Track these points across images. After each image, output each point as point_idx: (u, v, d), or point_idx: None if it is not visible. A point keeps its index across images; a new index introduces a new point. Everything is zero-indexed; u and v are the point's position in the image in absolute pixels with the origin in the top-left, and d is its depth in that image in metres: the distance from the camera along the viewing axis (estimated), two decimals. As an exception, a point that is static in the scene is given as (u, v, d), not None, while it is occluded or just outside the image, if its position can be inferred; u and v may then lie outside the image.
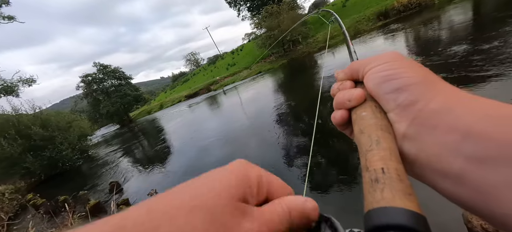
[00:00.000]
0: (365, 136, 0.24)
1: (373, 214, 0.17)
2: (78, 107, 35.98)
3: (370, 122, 0.25)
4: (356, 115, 0.27)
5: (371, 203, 0.18)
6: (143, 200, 0.15)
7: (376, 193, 0.19)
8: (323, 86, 7.23)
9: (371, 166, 0.21)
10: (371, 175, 0.20)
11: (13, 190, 8.82)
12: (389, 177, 0.19)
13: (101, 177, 8.50)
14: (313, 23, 25.76)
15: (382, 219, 0.17)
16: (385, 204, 0.17)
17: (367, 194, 0.20)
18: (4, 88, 15.14)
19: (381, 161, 0.21)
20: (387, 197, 0.18)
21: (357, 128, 0.26)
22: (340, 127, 0.32)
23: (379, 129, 0.24)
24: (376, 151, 0.22)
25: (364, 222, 0.18)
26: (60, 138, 13.32)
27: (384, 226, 0.16)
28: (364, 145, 0.23)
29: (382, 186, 0.19)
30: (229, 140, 6.62)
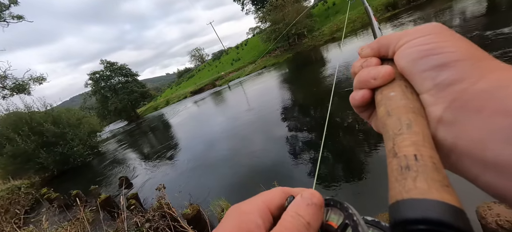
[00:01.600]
0: (393, 118, 0.21)
1: (404, 206, 0.16)
2: (87, 104, 36.84)
3: (399, 103, 0.22)
4: (382, 95, 0.24)
5: (400, 192, 0.16)
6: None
7: (407, 181, 0.17)
8: (336, 76, 7.11)
9: (401, 151, 0.19)
10: (400, 162, 0.18)
11: (29, 185, 9.17)
12: (423, 165, 0.17)
13: (110, 172, 8.72)
14: (319, 16, 25.24)
15: (415, 212, 0.15)
16: (419, 195, 0.15)
17: (394, 182, 0.18)
18: (16, 86, 15.60)
19: (413, 147, 0.18)
20: (421, 187, 0.16)
21: (383, 110, 0.23)
22: (359, 109, 0.29)
23: (410, 111, 0.21)
24: (407, 135, 0.20)
25: (390, 213, 0.17)
26: (71, 135, 13.70)
27: (419, 220, 0.15)
28: (392, 128, 0.21)
29: (415, 174, 0.17)
30: (235, 135, 6.64)
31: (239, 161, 4.94)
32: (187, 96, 30.24)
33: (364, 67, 0.27)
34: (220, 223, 0.19)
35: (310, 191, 0.20)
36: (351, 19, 19.70)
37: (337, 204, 0.21)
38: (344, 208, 0.20)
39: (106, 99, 33.10)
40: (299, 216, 0.18)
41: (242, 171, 4.41)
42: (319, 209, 0.19)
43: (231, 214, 0.19)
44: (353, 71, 0.29)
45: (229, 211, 0.20)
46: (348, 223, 0.19)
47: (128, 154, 10.74)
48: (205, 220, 2.92)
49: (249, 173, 4.21)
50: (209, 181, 4.66)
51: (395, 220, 0.16)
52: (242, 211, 0.19)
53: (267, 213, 0.20)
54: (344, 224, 0.19)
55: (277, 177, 3.42)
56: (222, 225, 0.18)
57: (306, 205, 0.19)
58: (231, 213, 0.20)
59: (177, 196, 4.11)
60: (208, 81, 30.73)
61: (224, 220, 0.19)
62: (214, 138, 7.23)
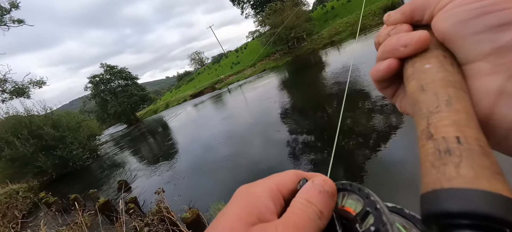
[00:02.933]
0: (428, 93, 0.18)
1: (444, 196, 0.14)
2: (87, 107, 36.75)
3: (436, 75, 0.19)
4: (414, 68, 0.20)
5: (439, 180, 0.14)
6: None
7: (448, 168, 0.14)
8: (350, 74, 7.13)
9: (438, 132, 0.16)
10: (438, 144, 0.16)
11: (27, 189, 9.10)
12: (468, 149, 0.15)
13: (109, 176, 8.68)
14: (318, 20, 25.44)
15: (460, 203, 0.13)
16: (464, 184, 0.13)
17: (429, 168, 0.15)
18: (16, 90, 15.60)
19: (455, 127, 0.16)
20: (466, 175, 0.14)
21: (415, 84, 0.20)
22: (381, 84, 0.25)
23: (450, 86, 0.18)
24: (446, 113, 0.17)
25: (423, 204, 0.15)
26: (70, 138, 13.65)
27: (464, 213, 0.13)
28: (427, 105, 0.18)
29: (458, 159, 0.14)
30: (234, 138, 6.63)
31: (238, 164, 4.92)
32: (186, 99, 30.26)
33: (392, 35, 0.23)
34: (227, 204, 0.18)
35: (322, 177, 0.19)
36: (350, 22, 19.86)
37: (356, 189, 0.18)
38: (364, 194, 0.18)
39: (105, 102, 33.09)
40: (310, 204, 0.17)
41: (242, 175, 4.39)
42: (332, 197, 0.18)
43: (240, 196, 0.18)
44: (377, 41, 0.25)
45: (237, 192, 0.19)
46: (369, 211, 0.16)
47: (127, 158, 10.70)
48: (204, 224, 2.90)
49: (248, 176, 4.20)
50: (208, 184, 4.64)
51: (431, 211, 0.14)
52: (252, 193, 0.18)
53: (279, 196, 0.18)
54: (365, 212, 0.17)
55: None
56: (229, 207, 0.17)
57: (318, 192, 0.17)
58: (239, 194, 0.18)
59: (176, 199, 4.09)
60: (208, 84, 30.79)
61: (232, 201, 0.18)
62: (213, 141, 7.22)
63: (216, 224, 0.16)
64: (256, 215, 0.16)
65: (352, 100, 5.33)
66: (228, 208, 0.17)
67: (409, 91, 0.21)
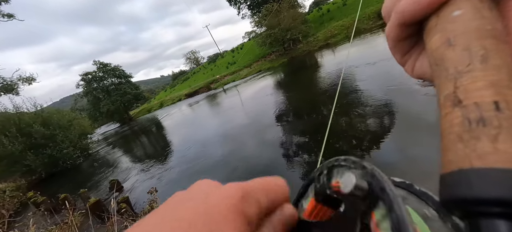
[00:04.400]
0: (456, 49, 0.15)
1: (474, 177, 0.11)
2: (78, 105, 36.04)
3: (469, 25, 0.15)
4: (439, 17, 0.16)
5: (467, 157, 0.12)
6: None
7: (481, 142, 0.12)
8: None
9: (470, 97, 0.13)
10: (467, 112, 0.13)
11: (14, 188, 8.85)
12: (510, 117, 0.12)
13: (101, 175, 8.53)
14: (313, 22, 25.69)
15: (494, 188, 0.10)
16: (503, 162, 0.11)
17: (455, 142, 0.13)
18: (4, 86, 15.15)
19: (493, 89, 0.12)
20: (507, 150, 0.11)
21: (440, 38, 0.16)
22: (406, 29, 0.19)
23: (487, 37, 0.14)
24: (480, 72, 0.13)
25: (444, 185, 0.13)
26: (61, 136, 13.35)
27: (504, 201, 0.10)
28: (455, 63, 0.14)
29: (495, 131, 0.11)
30: (228, 139, 6.63)
31: (232, 164, 4.92)
32: (181, 99, 30.01)
33: None
34: (219, 190, 0.16)
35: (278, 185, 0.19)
36: (345, 26, 20.14)
37: (350, 162, 0.16)
38: (359, 165, 0.15)
39: (98, 100, 32.47)
40: None
41: (236, 175, 4.40)
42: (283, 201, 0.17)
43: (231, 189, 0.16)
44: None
45: (227, 188, 0.17)
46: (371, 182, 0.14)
47: (119, 157, 10.54)
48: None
49: (243, 176, 4.21)
50: (202, 184, 4.62)
51: (454, 196, 0.12)
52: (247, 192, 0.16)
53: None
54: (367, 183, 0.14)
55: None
56: (219, 193, 0.15)
57: None
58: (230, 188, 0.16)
59: (169, 199, 4.06)
60: (203, 84, 30.63)
61: (225, 189, 0.16)
62: (208, 141, 7.19)
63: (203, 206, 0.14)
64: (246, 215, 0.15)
65: (346, 102, 5.41)
66: (215, 224, 0.13)
67: (430, 48, 0.17)
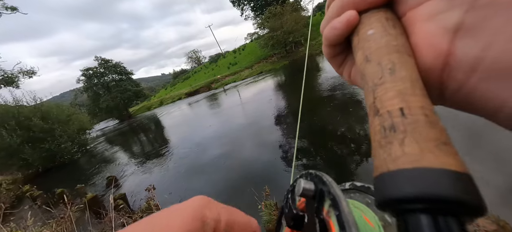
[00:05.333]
0: (372, 64, 0.17)
1: (390, 180, 0.12)
2: (78, 100, 35.93)
3: (380, 42, 0.17)
4: (359, 37, 0.19)
5: (385, 162, 0.13)
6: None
7: (393, 146, 0.13)
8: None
9: (384, 106, 0.15)
10: (383, 121, 0.14)
11: (11, 181, 8.81)
12: (412, 121, 0.13)
13: (98, 171, 8.50)
14: (316, 25, 25.79)
15: (404, 187, 0.12)
16: (408, 164, 0.12)
17: (377, 148, 0.14)
18: (4, 79, 15.13)
19: (399, 97, 0.14)
20: (410, 152, 0.12)
21: (361, 55, 0.18)
22: (334, 49, 0.23)
23: (393, 51, 0.16)
24: (390, 83, 0.15)
25: (375, 189, 0.14)
26: (60, 131, 13.31)
27: (409, 198, 0.11)
28: (372, 77, 0.16)
29: (402, 135, 0.13)
30: (227, 139, 6.62)
31: (231, 164, 4.92)
32: (181, 97, 29.99)
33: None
34: (180, 207, 0.17)
35: None
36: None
37: (307, 176, 0.18)
38: (308, 173, 0.17)
39: (98, 96, 32.43)
40: None
41: (234, 175, 4.39)
42: None
43: (193, 209, 0.17)
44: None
45: (193, 202, 0.18)
46: (322, 190, 0.16)
47: (117, 154, 10.51)
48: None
49: (240, 177, 4.20)
50: (200, 183, 4.62)
51: (380, 199, 0.13)
52: (203, 216, 0.17)
53: None
54: (319, 191, 0.17)
55: (268, 182, 3.43)
56: (180, 214, 0.17)
57: None
58: (193, 208, 0.17)
59: (166, 197, 4.05)
60: (204, 83, 30.64)
61: (184, 210, 0.17)
62: (206, 141, 7.19)
63: (164, 220, 0.16)
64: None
65: (344, 105, 5.42)
66: (180, 209, 0.17)
67: (357, 63, 0.19)
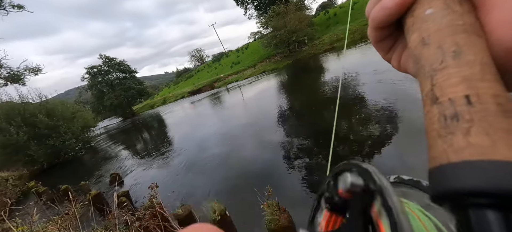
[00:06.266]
0: (431, 47, 0.15)
1: (452, 172, 0.11)
2: (83, 98, 36.30)
3: (441, 22, 0.15)
4: (414, 17, 0.17)
5: (445, 153, 0.12)
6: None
7: (456, 137, 0.12)
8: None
9: (444, 94, 0.13)
10: (443, 109, 0.13)
11: (17, 177, 8.96)
12: (481, 109, 0.12)
13: (102, 169, 8.59)
14: (320, 25, 25.65)
15: (471, 180, 0.11)
16: (477, 155, 0.11)
17: (435, 138, 0.13)
18: (11, 76, 15.36)
19: (465, 84, 0.13)
20: (478, 143, 0.11)
21: (417, 37, 0.16)
22: (382, 31, 0.20)
23: (459, 32, 0.14)
24: (454, 68, 0.13)
25: (430, 181, 0.13)
26: (64, 128, 13.49)
27: (481, 192, 0.10)
28: (430, 61, 0.15)
29: (468, 124, 0.12)
30: (229, 138, 6.63)
31: (233, 164, 4.93)
32: (184, 96, 30.13)
33: None
34: None
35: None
36: (351, 30, 20.06)
37: (349, 165, 0.17)
38: (356, 165, 0.16)
39: (102, 94, 32.76)
40: None
41: (236, 174, 4.40)
42: None
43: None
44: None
45: None
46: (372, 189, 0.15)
47: (121, 151, 10.61)
48: (196, 221, 2.90)
49: (243, 176, 4.21)
50: (202, 182, 4.63)
51: (438, 191, 0.12)
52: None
53: None
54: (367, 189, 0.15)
55: (270, 181, 3.43)
56: None
57: None
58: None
59: (169, 195, 4.07)
60: (207, 82, 30.73)
61: None
62: (209, 139, 7.21)
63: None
64: None
65: (348, 106, 5.38)
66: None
67: (410, 47, 0.17)
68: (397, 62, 0.22)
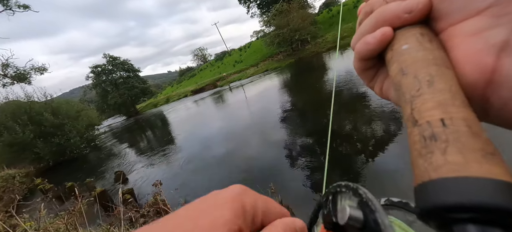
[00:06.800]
0: (409, 77, 0.17)
1: (432, 188, 0.12)
2: (87, 97, 36.80)
3: (416, 55, 0.17)
4: (393, 51, 0.19)
5: (426, 171, 0.13)
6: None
7: (435, 155, 0.13)
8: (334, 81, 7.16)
9: (422, 117, 0.15)
10: (422, 131, 0.14)
11: (24, 174, 9.12)
12: (454, 131, 0.13)
13: (106, 166, 8.69)
14: (323, 23, 25.49)
15: (449, 195, 0.12)
16: (452, 172, 0.12)
17: (417, 158, 0.14)
18: (17, 75, 15.60)
19: (439, 109, 0.14)
20: (454, 160, 0.12)
21: (396, 68, 0.18)
22: (366, 62, 0.23)
23: (431, 64, 0.16)
24: (428, 95, 0.15)
25: (415, 198, 0.14)
26: (69, 126, 13.68)
27: (458, 206, 0.11)
28: (409, 89, 0.17)
29: (444, 144, 0.13)
30: (232, 136, 6.65)
31: (236, 162, 4.94)
32: (187, 95, 30.26)
33: (389, 1, 0.20)
34: (220, 196, 0.18)
35: (301, 222, 0.19)
36: (355, 28, 19.89)
37: (350, 189, 0.17)
38: (357, 193, 0.16)
39: (106, 93, 33.09)
40: None
41: (240, 171, 4.41)
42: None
43: (233, 199, 0.17)
44: (367, 9, 0.23)
45: (231, 191, 0.18)
46: (365, 212, 0.16)
47: (125, 149, 10.72)
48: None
49: (246, 173, 4.22)
50: (206, 180, 4.66)
51: (422, 207, 0.13)
52: (243, 204, 0.17)
53: (258, 220, 0.18)
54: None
55: (273, 179, 3.44)
56: (222, 204, 0.17)
57: (294, 228, 0.18)
58: (233, 196, 0.17)
59: (173, 193, 4.11)
60: (210, 81, 30.82)
61: (226, 198, 0.17)
62: (212, 138, 7.24)
63: (204, 211, 0.16)
64: (238, 226, 0.15)
65: (351, 106, 5.35)
66: (220, 200, 0.17)
67: (391, 76, 0.19)
68: (379, 89, 0.24)
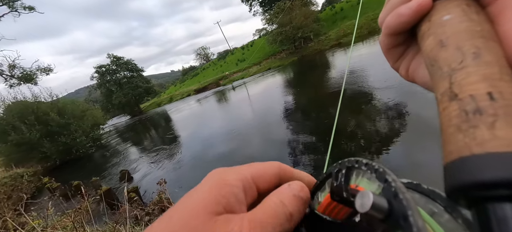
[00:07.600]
0: (449, 49, 0.15)
1: (476, 163, 0.11)
2: (92, 97, 37.22)
3: (459, 27, 0.16)
4: (431, 22, 0.17)
5: (467, 146, 0.12)
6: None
7: (479, 130, 0.12)
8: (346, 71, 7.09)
9: (464, 91, 0.14)
10: (464, 105, 0.13)
11: (32, 173, 9.30)
12: (505, 105, 0.12)
13: (111, 165, 8.80)
14: (326, 20, 25.25)
15: (498, 171, 0.11)
16: (502, 147, 0.11)
17: (454, 133, 0.13)
18: (24, 76, 15.87)
19: (486, 82, 0.13)
20: (504, 135, 0.11)
21: (433, 40, 0.17)
22: (396, 38, 0.21)
23: (477, 36, 0.15)
24: (473, 67, 0.14)
25: (449, 175, 0.13)
26: (75, 126, 13.88)
27: (503, 182, 0.10)
28: (448, 61, 0.15)
29: (492, 118, 0.12)
30: (236, 135, 6.66)
31: (239, 160, 4.95)
32: (190, 94, 30.39)
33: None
34: (197, 186, 0.17)
35: (299, 183, 0.18)
36: (358, 25, 19.68)
37: (372, 169, 0.15)
38: (383, 178, 0.14)
39: (110, 93, 33.44)
40: (282, 205, 0.16)
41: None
42: (304, 203, 0.17)
43: (211, 180, 0.17)
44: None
45: (210, 175, 0.18)
46: None
47: (129, 148, 10.83)
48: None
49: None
50: (209, 178, 4.68)
51: (458, 183, 0.12)
52: (224, 180, 0.16)
53: (253, 188, 0.18)
54: None
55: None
56: (198, 191, 0.16)
57: (293, 195, 0.17)
58: (211, 178, 0.17)
59: (177, 191, 4.15)
60: (212, 80, 30.88)
61: (202, 184, 0.17)
62: (216, 136, 7.26)
63: (181, 207, 0.16)
64: (224, 205, 0.15)
65: (355, 103, 5.31)
66: (196, 191, 0.16)
67: (425, 50, 0.17)
68: (406, 70, 0.22)
